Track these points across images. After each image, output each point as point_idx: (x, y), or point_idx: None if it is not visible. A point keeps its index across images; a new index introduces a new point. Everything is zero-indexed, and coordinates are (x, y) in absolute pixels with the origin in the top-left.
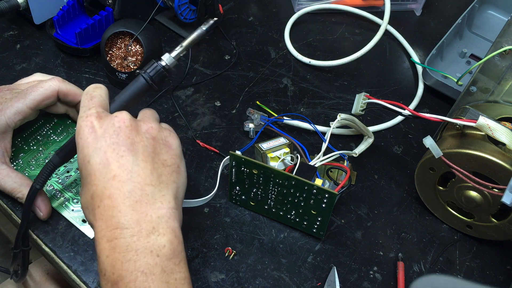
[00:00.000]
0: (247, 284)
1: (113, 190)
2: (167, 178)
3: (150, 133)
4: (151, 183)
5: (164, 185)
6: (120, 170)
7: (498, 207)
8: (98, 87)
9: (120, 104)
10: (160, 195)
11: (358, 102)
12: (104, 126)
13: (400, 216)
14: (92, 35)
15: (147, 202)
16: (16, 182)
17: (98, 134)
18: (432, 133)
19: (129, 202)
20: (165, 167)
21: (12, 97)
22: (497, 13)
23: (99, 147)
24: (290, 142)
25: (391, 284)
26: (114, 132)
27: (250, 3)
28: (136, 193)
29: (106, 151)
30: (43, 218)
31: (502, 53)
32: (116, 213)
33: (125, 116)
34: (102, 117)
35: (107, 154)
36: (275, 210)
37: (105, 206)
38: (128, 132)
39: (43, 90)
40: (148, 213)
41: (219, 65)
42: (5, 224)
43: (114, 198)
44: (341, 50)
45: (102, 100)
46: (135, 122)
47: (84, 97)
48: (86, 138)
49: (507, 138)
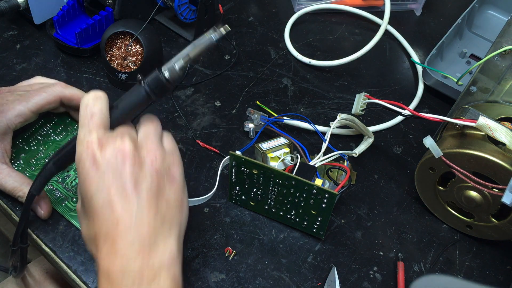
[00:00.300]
0: (247, 284)
1: (117, 237)
2: (170, 219)
3: (154, 167)
4: (154, 228)
5: (167, 227)
6: (124, 216)
7: (498, 207)
8: (98, 98)
9: (121, 116)
10: (163, 239)
11: (358, 102)
12: (107, 157)
13: (400, 216)
14: (92, 35)
15: (150, 249)
16: (17, 181)
17: (101, 168)
18: (432, 133)
19: (132, 250)
20: (169, 207)
21: (14, 99)
22: (497, 13)
23: (102, 184)
24: (290, 142)
25: (391, 284)
26: (117, 169)
27: (250, 3)
28: (138, 241)
29: (109, 191)
30: (44, 217)
31: (502, 53)
32: (119, 259)
33: (127, 146)
34: (103, 146)
35: (110, 195)
36: (275, 210)
37: (108, 250)
38: (132, 167)
39: (46, 95)
40: (151, 261)
41: (219, 65)
42: (5, 224)
43: (117, 244)
44: (341, 50)
45: (103, 117)
46: (138, 152)
47: (83, 112)
48: (87, 171)
49: (507, 138)
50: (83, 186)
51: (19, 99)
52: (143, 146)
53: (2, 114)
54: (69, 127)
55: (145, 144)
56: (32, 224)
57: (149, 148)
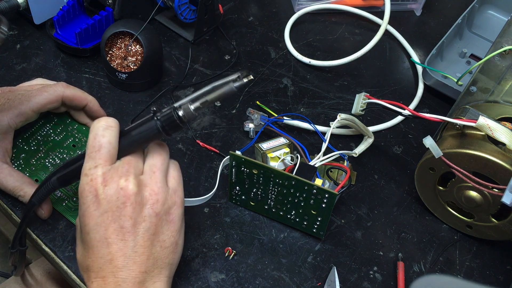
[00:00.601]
0: (247, 284)
1: (108, 274)
2: (162, 262)
3: (154, 210)
4: (145, 270)
5: (158, 270)
6: (118, 254)
7: (498, 207)
8: (108, 128)
9: (129, 146)
10: (152, 282)
11: (358, 102)
12: (109, 195)
13: (400, 216)
14: (92, 35)
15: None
16: (18, 181)
17: (102, 206)
18: (432, 133)
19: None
20: (163, 249)
21: (15, 98)
22: (497, 13)
23: (101, 222)
24: (290, 142)
25: (391, 284)
26: (117, 209)
27: (250, 3)
28: (129, 281)
29: (107, 229)
30: (44, 217)
31: (502, 53)
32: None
33: (131, 188)
34: (107, 182)
35: (107, 233)
36: (275, 210)
37: (98, 285)
38: (132, 209)
39: (47, 95)
40: None
41: (219, 65)
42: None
43: (107, 282)
44: (341, 50)
45: (111, 150)
46: (140, 191)
47: (91, 142)
48: (88, 205)
49: (507, 138)
50: (83, 219)
51: (21, 98)
52: (146, 185)
53: (3, 113)
54: (69, 127)
55: (149, 183)
56: (32, 224)
57: (152, 189)
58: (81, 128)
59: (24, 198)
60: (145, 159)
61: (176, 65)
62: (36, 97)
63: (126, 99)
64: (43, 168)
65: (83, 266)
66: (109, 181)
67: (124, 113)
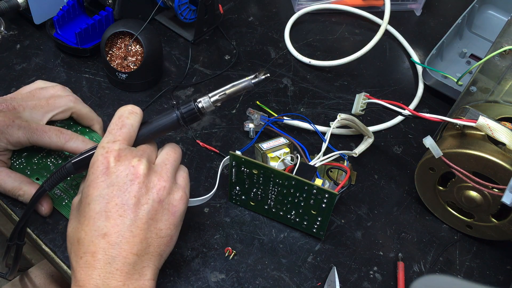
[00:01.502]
0: (247, 284)
1: (98, 250)
2: (154, 250)
3: (158, 195)
4: (137, 252)
5: (149, 256)
6: (113, 230)
7: (498, 207)
8: (133, 113)
9: (148, 134)
10: (141, 266)
11: (358, 102)
12: (119, 171)
13: (400, 216)
14: (92, 35)
15: (127, 272)
16: (16, 181)
17: (110, 178)
18: (432, 133)
19: (109, 269)
20: (158, 238)
21: (20, 126)
22: (497, 13)
23: (105, 194)
24: (290, 142)
25: (391, 284)
26: (124, 185)
27: (250, 3)
28: (119, 261)
29: (109, 202)
30: (45, 214)
31: (502, 53)
32: (95, 275)
33: (142, 168)
34: (121, 159)
35: (108, 206)
36: (275, 210)
37: (87, 261)
38: (137, 189)
39: (58, 112)
40: (125, 284)
41: (219, 65)
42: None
43: (97, 258)
44: (341, 50)
45: (131, 132)
46: (149, 176)
47: (115, 120)
48: (97, 176)
49: (507, 138)
50: (88, 188)
51: (25, 127)
52: (156, 172)
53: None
54: (73, 128)
55: (159, 171)
56: (32, 224)
57: (161, 176)
58: (84, 130)
59: (24, 197)
60: (158, 153)
61: (176, 65)
62: (48, 114)
63: (126, 99)
64: (44, 167)
65: (73, 239)
66: (122, 158)
67: None
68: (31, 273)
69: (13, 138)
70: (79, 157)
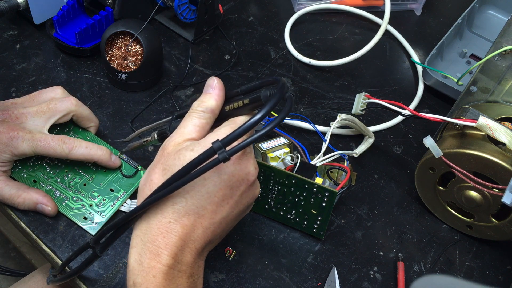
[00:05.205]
0: (247, 284)
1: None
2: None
3: (250, 200)
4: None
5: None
6: (208, 211)
7: (498, 207)
8: None
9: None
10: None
11: (358, 102)
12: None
13: (400, 216)
14: (92, 35)
15: (191, 244)
16: (14, 188)
17: (224, 173)
18: (432, 133)
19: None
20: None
21: (24, 138)
22: (497, 13)
23: (222, 180)
24: (290, 142)
25: (391, 284)
26: (241, 181)
27: (250, 3)
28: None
29: (221, 190)
30: (52, 214)
31: (502, 53)
32: None
33: (254, 173)
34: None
35: (217, 192)
36: (275, 210)
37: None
38: (245, 190)
39: (59, 117)
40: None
41: (219, 65)
42: (5, 224)
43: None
44: (341, 50)
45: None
46: (255, 181)
47: (210, 82)
48: (233, 160)
49: (507, 138)
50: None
51: (28, 139)
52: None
53: (7, 147)
54: (66, 129)
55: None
56: (32, 224)
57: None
58: (77, 130)
59: (22, 205)
60: None
61: (176, 65)
62: (50, 119)
63: (126, 99)
64: (40, 168)
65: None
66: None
67: (124, 113)
68: (33, 277)
69: (18, 151)
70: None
